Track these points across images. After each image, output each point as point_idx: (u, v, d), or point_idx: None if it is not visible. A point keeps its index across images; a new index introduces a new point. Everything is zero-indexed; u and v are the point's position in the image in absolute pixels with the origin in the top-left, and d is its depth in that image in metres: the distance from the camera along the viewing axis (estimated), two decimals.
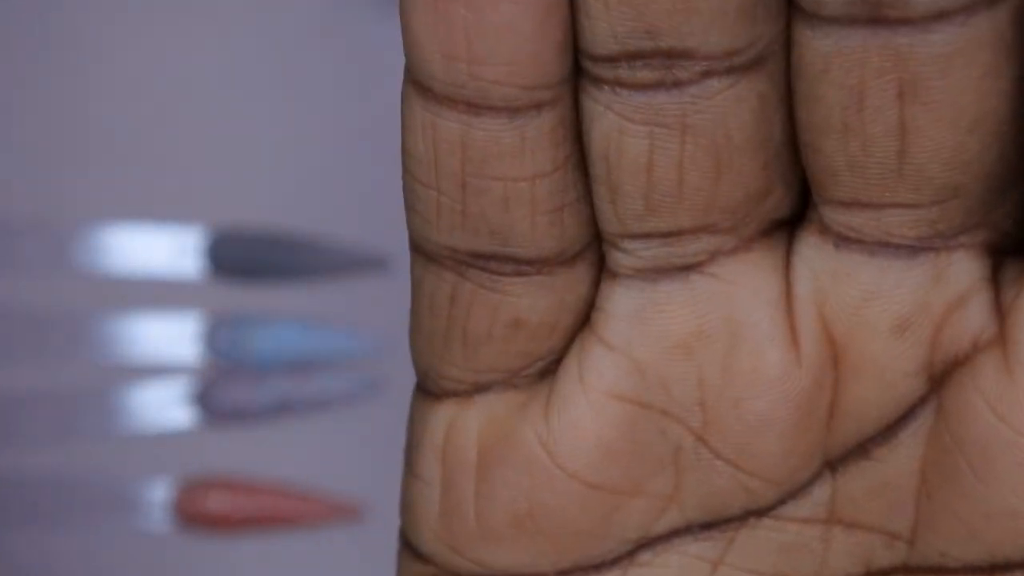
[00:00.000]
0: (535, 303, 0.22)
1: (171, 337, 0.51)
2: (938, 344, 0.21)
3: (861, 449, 0.22)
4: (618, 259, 0.21)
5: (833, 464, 0.22)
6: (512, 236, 0.21)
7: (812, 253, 0.21)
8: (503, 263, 0.21)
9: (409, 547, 0.23)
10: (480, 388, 0.22)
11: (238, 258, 0.49)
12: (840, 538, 0.22)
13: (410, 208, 0.21)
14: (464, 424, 0.22)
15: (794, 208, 0.22)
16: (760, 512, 0.22)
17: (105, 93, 0.49)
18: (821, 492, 0.22)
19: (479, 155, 0.20)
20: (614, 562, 0.22)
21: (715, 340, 0.21)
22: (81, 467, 0.50)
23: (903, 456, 0.22)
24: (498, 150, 0.20)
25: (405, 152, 0.21)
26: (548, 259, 0.21)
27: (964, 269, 0.21)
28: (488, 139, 0.20)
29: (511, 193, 0.21)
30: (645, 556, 0.22)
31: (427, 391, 0.23)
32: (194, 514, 0.51)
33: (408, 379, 0.46)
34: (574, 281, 0.22)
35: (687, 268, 0.21)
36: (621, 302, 0.21)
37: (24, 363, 0.50)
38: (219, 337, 0.51)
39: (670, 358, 0.21)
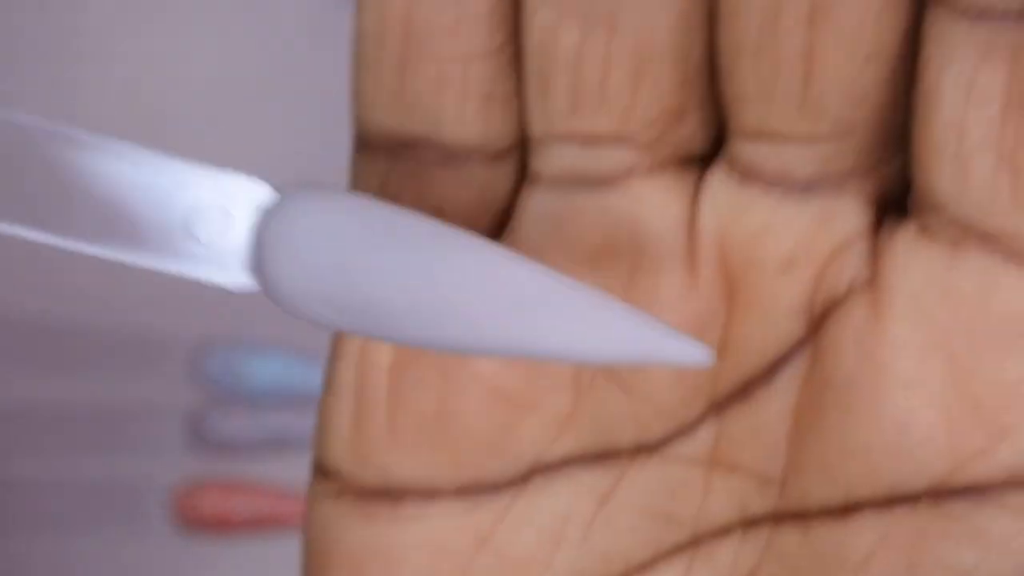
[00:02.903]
0: (458, 194, 0.23)
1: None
2: (819, 285, 0.22)
3: (743, 390, 0.23)
4: (540, 163, 0.22)
5: (718, 406, 0.23)
6: (442, 120, 0.22)
7: (719, 187, 0.22)
8: (431, 150, 0.22)
9: (318, 466, 0.24)
10: None
11: None
12: (720, 482, 0.23)
13: (355, 93, 0.23)
14: None
15: (708, 147, 0.23)
16: (650, 447, 0.23)
17: (102, 88, 0.50)
18: (706, 433, 0.23)
19: (419, 31, 0.22)
20: (509, 483, 0.23)
21: (620, 256, 0.22)
22: (81, 471, 0.51)
23: (780, 399, 0.22)
24: (437, 26, 0.22)
25: (357, 33, 0.22)
26: (473, 149, 0.22)
27: (851, 215, 0.22)
28: (428, 15, 0.22)
29: (445, 73, 0.22)
30: (538, 481, 0.23)
31: None
32: (193, 516, 0.51)
33: None
34: (495, 180, 0.23)
35: (602, 182, 0.22)
36: (538, 208, 0.23)
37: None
38: (213, 363, 0.52)
39: (578, 270, 0.22)
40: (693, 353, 0.20)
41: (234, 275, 0.22)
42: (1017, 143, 0.20)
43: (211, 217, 0.21)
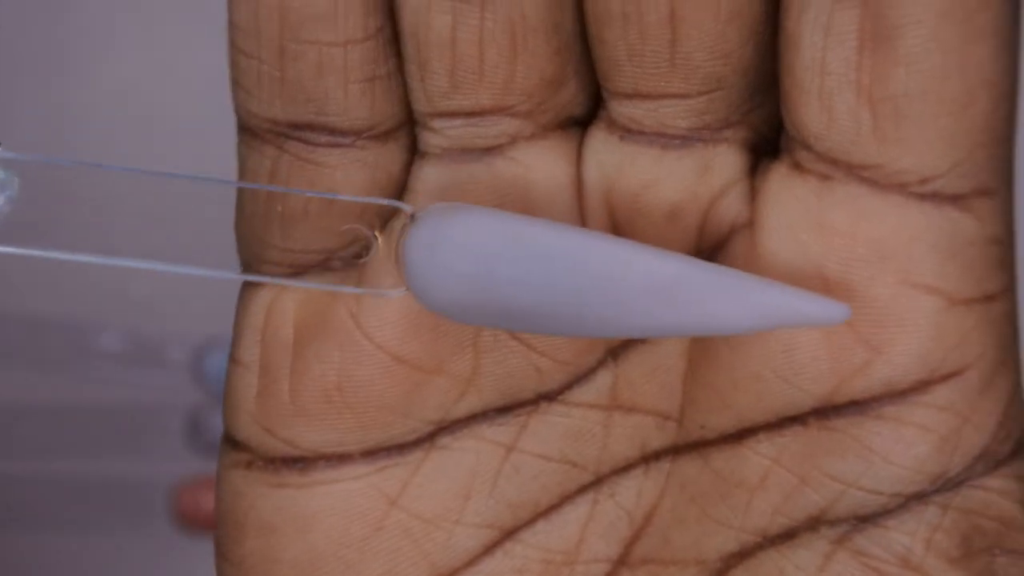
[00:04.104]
0: (349, 176, 0.23)
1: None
2: (704, 231, 0.23)
3: None
4: (427, 139, 0.23)
5: (615, 351, 0.24)
6: (327, 104, 0.22)
7: (600, 146, 0.23)
8: (319, 133, 0.23)
9: (227, 438, 0.25)
10: (298, 271, 0.24)
11: None
12: (619, 423, 0.24)
13: (235, 83, 0.23)
14: (282, 306, 0.24)
15: (587, 108, 0.23)
16: (550, 396, 0.24)
17: (99, 78, 0.50)
18: (604, 378, 0.24)
19: (296, 19, 0.22)
20: (416, 443, 0.24)
21: None
22: (81, 471, 0.51)
23: (673, 339, 0.23)
24: (312, 13, 0.22)
25: (231, 25, 0.23)
26: (360, 130, 0.23)
27: (728, 162, 0.23)
28: (303, 3, 0.22)
29: (325, 59, 0.22)
30: (445, 439, 0.24)
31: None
32: (193, 516, 0.51)
33: None
34: (386, 159, 0.23)
35: (489, 151, 0.23)
36: (429, 181, 0.23)
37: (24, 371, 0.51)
38: (213, 363, 0.52)
39: None
40: (830, 311, 0.21)
41: (391, 286, 0.23)
42: (873, 79, 0.21)
43: (368, 238, 0.23)
